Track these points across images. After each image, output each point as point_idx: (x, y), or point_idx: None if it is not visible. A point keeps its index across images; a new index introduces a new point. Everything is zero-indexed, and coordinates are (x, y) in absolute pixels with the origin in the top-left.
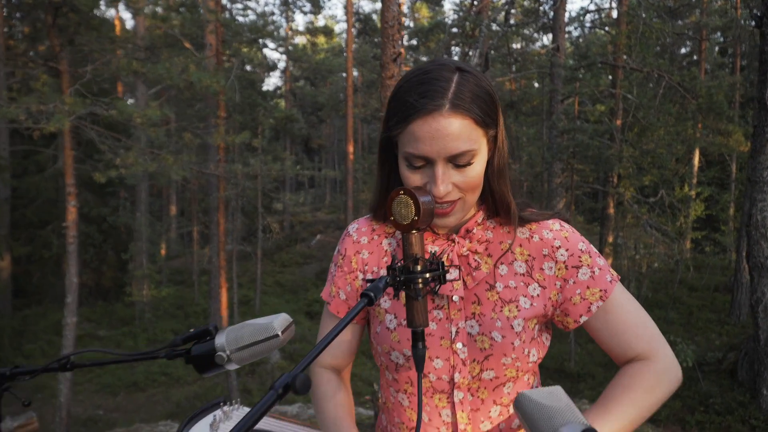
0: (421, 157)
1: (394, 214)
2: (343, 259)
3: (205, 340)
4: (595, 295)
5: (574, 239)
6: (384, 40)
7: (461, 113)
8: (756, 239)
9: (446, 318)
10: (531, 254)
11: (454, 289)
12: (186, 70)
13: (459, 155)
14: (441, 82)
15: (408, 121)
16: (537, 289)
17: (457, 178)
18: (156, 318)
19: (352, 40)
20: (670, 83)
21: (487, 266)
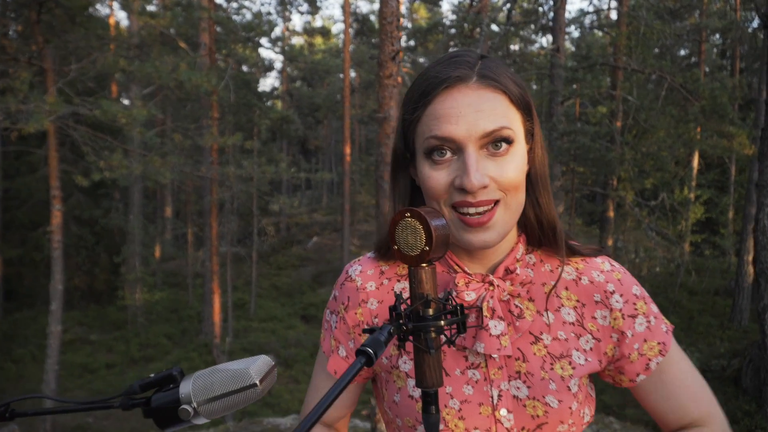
0: (447, 141)
1: (398, 242)
2: (345, 310)
3: (168, 388)
4: (654, 349)
5: (628, 282)
6: (382, 37)
7: (492, 86)
8: (763, 244)
9: (484, 379)
10: (580, 299)
11: (502, 346)
12: (176, 69)
13: (494, 134)
14: (466, 58)
15: (429, 98)
16: (590, 341)
17: (492, 169)
18: (149, 322)
19: (350, 41)
20: (673, 85)
21: (530, 313)
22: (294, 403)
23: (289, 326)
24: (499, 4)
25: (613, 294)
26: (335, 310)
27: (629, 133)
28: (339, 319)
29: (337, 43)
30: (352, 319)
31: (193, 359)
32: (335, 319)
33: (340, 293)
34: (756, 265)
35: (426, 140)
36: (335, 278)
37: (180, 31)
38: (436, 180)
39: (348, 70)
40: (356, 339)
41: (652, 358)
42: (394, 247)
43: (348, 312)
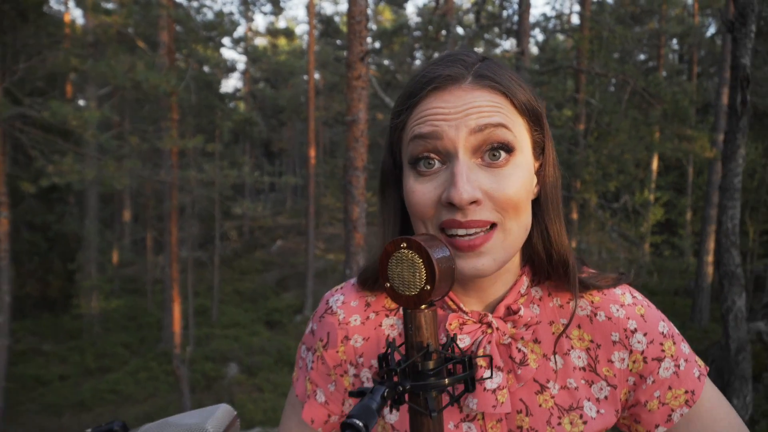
0: (432, 141)
1: (391, 279)
2: (324, 348)
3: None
4: (679, 398)
5: (653, 318)
6: (350, 38)
7: (490, 86)
8: (726, 247)
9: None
10: (594, 339)
11: (499, 403)
12: (133, 69)
13: (488, 131)
14: (462, 57)
15: (415, 100)
16: (605, 389)
17: (487, 183)
18: (105, 331)
19: (314, 42)
20: (635, 88)
21: (536, 357)
22: (258, 414)
23: (253, 332)
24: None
25: (635, 333)
26: (312, 346)
27: (591, 135)
28: (317, 358)
29: (301, 44)
30: (332, 358)
31: (152, 369)
32: (312, 358)
33: (319, 327)
34: (719, 267)
35: (409, 145)
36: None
37: (138, 30)
38: (421, 194)
39: (312, 71)
40: (338, 381)
41: (676, 409)
42: (386, 285)
43: (328, 350)
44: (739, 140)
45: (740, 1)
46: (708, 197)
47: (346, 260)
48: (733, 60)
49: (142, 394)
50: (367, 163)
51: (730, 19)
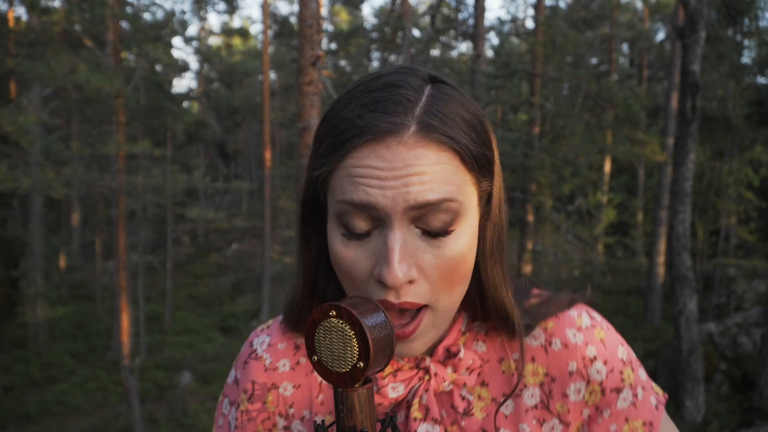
0: (366, 211)
1: (318, 352)
2: (248, 400)
3: None
4: (637, 431)
5: (613, 343)
6: (302, 42)
7: (438, 141)
8: (678, 250)
9: None
10: (549, 372)
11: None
12: (75, 70)
13: (430, 208)
14: (403, 90)
15: (344, 150)
16: (557, 427)
17: (425, 257)
18: (52, 340)
19: (269, 43)
20: (588, 93)
21: (483, 405)
22: (212, 423)
23: (207, 339)
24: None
25: (594, 361)
26: (236, 400)
27: (546, 138)
28: (240, 413)
29: (256, 44)
30: (259, 412)
31: (101, 379)
32: (235, 415)
33: (243, 376)
34: (671, 270)
35: (338, 202)
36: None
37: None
38: (351, 263)
39: (267, 72)
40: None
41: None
42: (314, 358)
43: (254, 402)
44: (689, 145)
45: (690, 9)
46: (658, 199)
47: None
48: (683, 66)
49: (91, 405)
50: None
51: (680, 26)
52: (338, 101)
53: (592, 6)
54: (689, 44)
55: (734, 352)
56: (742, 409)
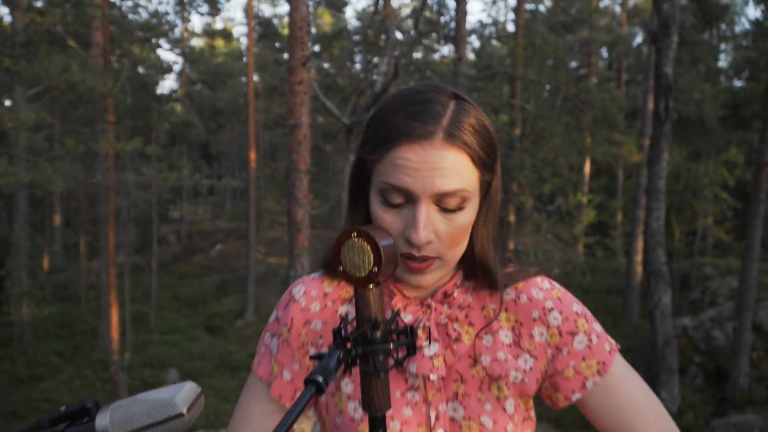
0: (402, 191)
1: (344, 263)
2: (288, 331)
3: (81, 422)
4: (592, 368)
5: (568, 300)
6: (292, 43)
7: (457, 146)
8: (653, 246)
9: (423, 401)
10: (519, 319)
11: (435, 367)
12: (68, 70)
13: (449, 195)
14: (435, 105)
15: (390, 146)
16: (529, 361)
17: (441, 226)
18: (37, 339)
19: (253, 44)
20: (567, 95)
21: (469, 336)
22: (200, 420)
23: (193, 338)
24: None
25: (551, 311)
26: (277, 332)
27: (527, 140)
28: (282, 341)
29: (239, 46)
30: (296, 340)
31: (87, 377)
32: (277, 343)
33: (284, 315)
34: (646, 266)
35: (382, 182)
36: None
37: (69, 30)
38: (387, 221)
39: (252, 73)
40: (301, 361)
41: (589, 377)
42: (339, 268)
43: (292, 333)
44: (662, 145)
45: (663, 13)
46: (636, 200)
47: (289, 262)
48: (657, 69)
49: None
50: (310, 166)
51: (653, 30)
52: (385, 107)
53: (571, 10)
54: (662, 48)
55: (708, 345)
56: (716, 399)
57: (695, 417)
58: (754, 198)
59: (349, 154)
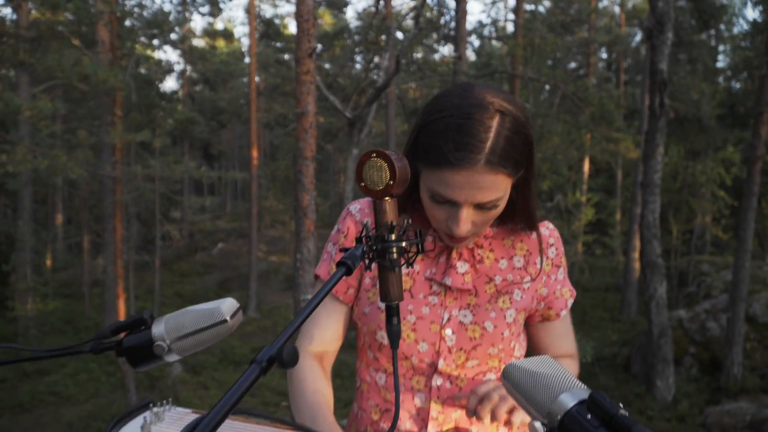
0: (446, 199)
1: (365, 179)
2: (345, 238)
3: (140, 330)
4: (567, 293)
5: (560, 240)
6: (299, 35)
7: (494, 169)
8: (648, 239)
9: (440, 304)
10: (529, 249)
11: (465, 282)
12: (79, 63)
13: (485, 203)
14: (480, 135)
15: (440, 169)
16: (529, 282)
17: (477, 218)
18: (42, 334)
19: (255, 43)
20: (565, 93)
21: (489, 261)
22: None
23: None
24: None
25: (551, 246)
26: (336, 240)
27: None
28: (339, 246)
29: (240, 46)
30: (351, 245)
31: (92, 370)
32: (334, 248)
33: (342, 226)
34: (642, 257)
35: (432, 188)
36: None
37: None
38: (435, 213)
39: (254, 72)
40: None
41: (568, 299)
42: (361, 184)
43: (347, 240)
44: (658, 140)
45: (658, 11)
46: (634, 197)
47: (296, 245)
48: (652, 65)
49: (83, 395)
50: (316, 154)
51: (649, 27)
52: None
53: (570, 10)
54: (657, 44)
55: (703, 337)
56: (710, 389)
57: (690, 405)
58: (747, 191)
59: (352, 147)
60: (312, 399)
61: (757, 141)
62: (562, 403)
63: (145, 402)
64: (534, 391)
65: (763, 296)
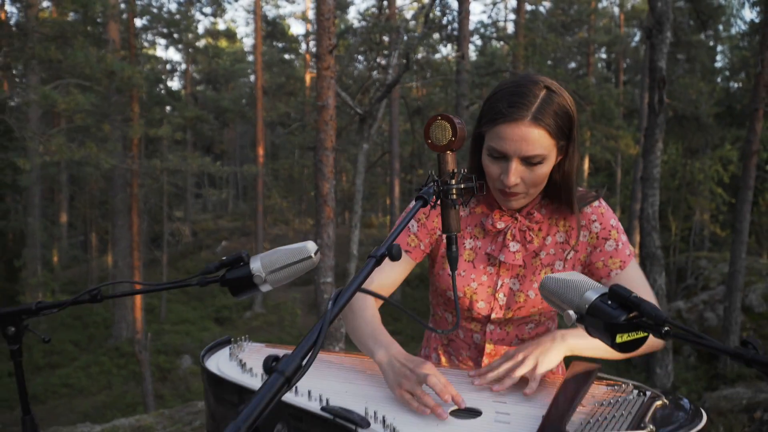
0: (501, 152)
1: (431, 137)
2: (426, 217)
3: (239, 266)
4: (616, 264)
5: (608, 216)
6: (320, 32)
7: (539, 125)
8: (647, 231)
9: (495, 274)
10: (572, 225)
11: (516, 258)
12: (103, 60)
13: (531, 157)
14: (529, 97)
15: (495, 123)
16: (571, 253)
17: (525, 174)
18: (52, 329)
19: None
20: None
21: (538, 240)
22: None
23: (203, 328)
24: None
25: (594, 222)
26: (418, 218)
27: None
28: (420, 225)
29: (242, 46)
30: (431, 224)
31: (104, 363)
32: (416, 224)
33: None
34: (642, 249)
35: (489, 145)
36: None
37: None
38: (491, 170)
39: (260, 70)
40: (431, 238)
41: (613, 269)
42: (428, 141)
43: (428, 219)
44: (657, 135)
45: (657, 11)
46: (634, 194)
47: (316, 232)
48: (651, 63)
49: (96, 386)
50: (336, 144)
51: (648, 27)
52: (496, 92)
53: (570, 11)
54: (656, 43)
55: (701, 327)
56: (708, 376)
57: (688, 392)
58: (743, 184)
59: (363, 142)
60: (371, 319)
61: (752, 136)
62: (588, 297)
63: (225, 338)
64: (565, 292)
65: (759, 287)
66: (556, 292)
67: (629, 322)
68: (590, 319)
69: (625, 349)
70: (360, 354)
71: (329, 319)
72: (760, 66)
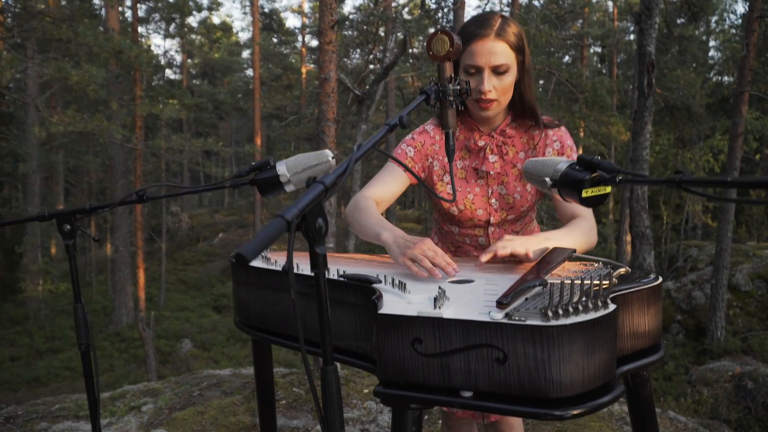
0: (474, 66)
1: (432, 48)
2: (422, 145)
3: (267, 169)
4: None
5: (566, 138)
6: (322, 8)
7: (502, 39)
8: (637, 211)
9: (486, 184)
10: (540, 144)
11: (495, 168)
12: (111, 39)
13: (499, 66)
14: (491, 21)
15: (468, 43)
16: None
17: (496, 83)
18: (53, 315)
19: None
20: (560, 79)
21: (513, 152)
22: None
23: (202, 315)
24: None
25: (555, 141)
26: (413, 144)
27: None
28: (416, 150)
29: (238, 40)
30: (425, 149)
31: (105, 348)
32: (412, 150)
33: (419, 137)
34: (632, 229)
35: (465, 63)
36: None
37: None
38: (471, 84)
39: (257, 62)
40: (423, 162)
41: None
42: (430, 53)
43: (424, 147)
44: (646, 118)
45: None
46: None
47: None
48: (640, 48)
49: (99, 368)
50: (337, 116)
51: (638, 13)
52: (466, 25)
53: (565, 4)
54: (645, 28)
55: (689, 305)
56: (695, 352)
57: (676, 366)
58: (729, 165)
59: (361, 123)
60: (375, 212)
61: (738, 119)
62: (560, 168)
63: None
64: (543, 168)
65: (745, 267)
66: (535, 170)
67: (592, 180)
68: (562, 182)
69: (591, 203)
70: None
71: (355, 157)
72: (745, 50)
